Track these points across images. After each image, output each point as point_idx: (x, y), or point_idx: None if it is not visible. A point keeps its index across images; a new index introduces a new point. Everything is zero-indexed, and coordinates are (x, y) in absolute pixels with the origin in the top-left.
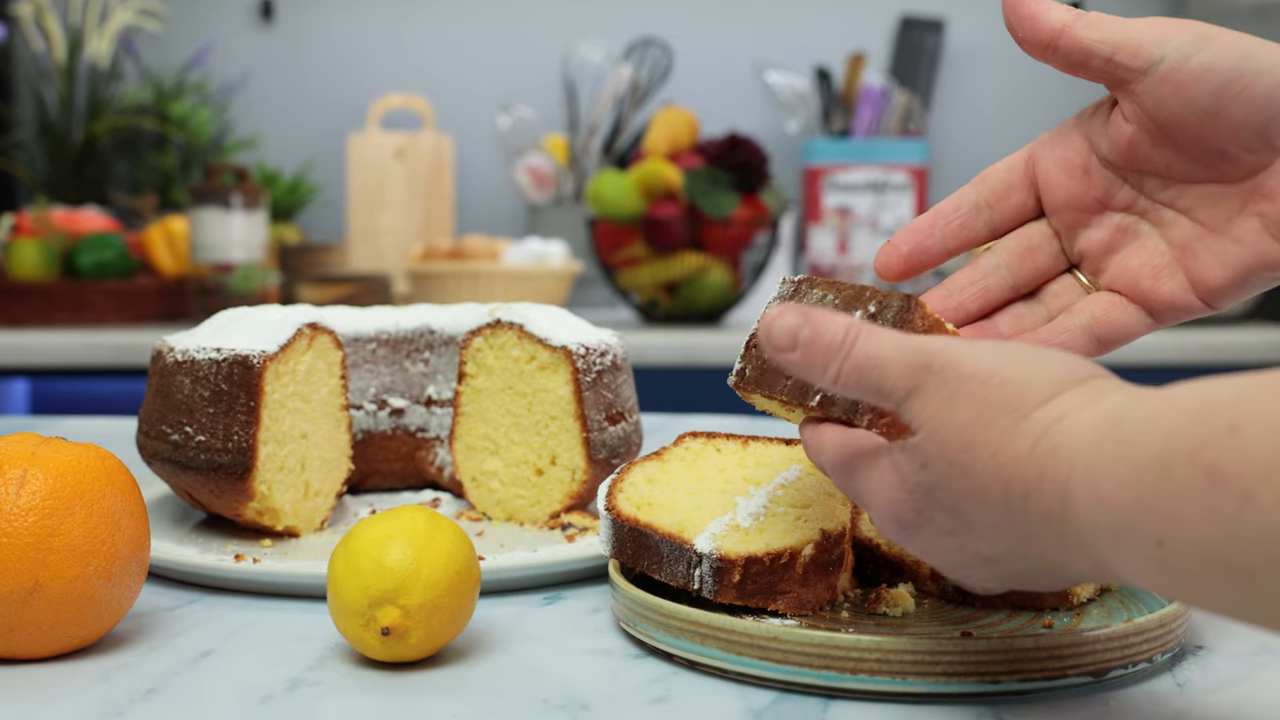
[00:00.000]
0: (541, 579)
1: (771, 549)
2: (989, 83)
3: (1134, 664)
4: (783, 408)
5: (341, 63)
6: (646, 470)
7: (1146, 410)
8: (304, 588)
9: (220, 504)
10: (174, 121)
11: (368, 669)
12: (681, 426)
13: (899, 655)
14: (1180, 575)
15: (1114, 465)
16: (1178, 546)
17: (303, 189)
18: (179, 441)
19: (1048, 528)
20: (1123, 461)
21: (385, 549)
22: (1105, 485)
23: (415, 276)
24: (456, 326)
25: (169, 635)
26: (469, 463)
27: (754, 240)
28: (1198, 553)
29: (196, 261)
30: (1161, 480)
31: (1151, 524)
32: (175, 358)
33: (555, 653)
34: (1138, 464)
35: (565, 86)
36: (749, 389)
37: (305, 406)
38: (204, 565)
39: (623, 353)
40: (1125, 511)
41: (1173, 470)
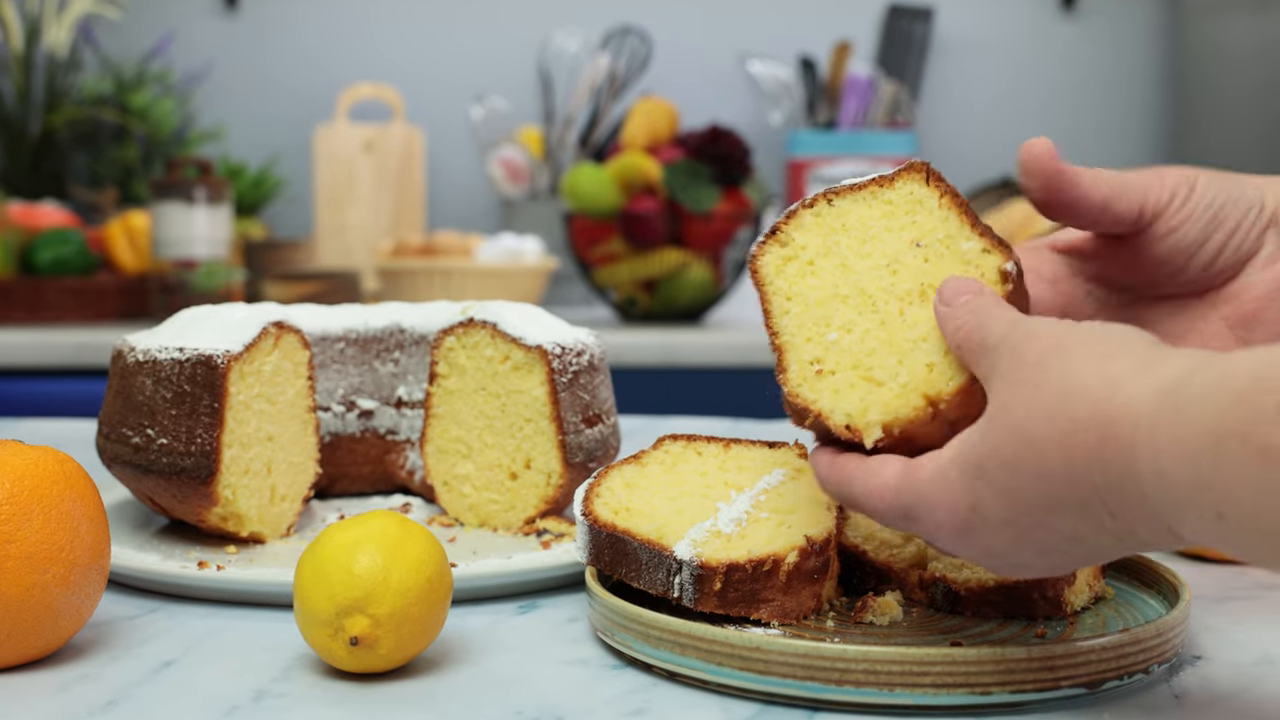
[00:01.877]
0: (516, 587)
1: (754, 556)
2: (979, 73)
3: (1130, 675)
4: None
5: (308, 52)
6: (625, 474)
7: (1200, 385)
8: (269, 596)
9: (183, 509)
10: (135, 113)
11: (335, 680)
12: (661, 429)
13: (886, 666)
14: (1244, 543)
15: (1172, 442)
16: (1237, 519)
17: (268, 183)
18: (140, 444)
19: (1119, 495)
20: (1178, 440)
21: (354, 556)
22: (1165, 461)
23: (385, 273)
24: (428, 325)
25: (130, 645)
26: (441, 466)
27: (736, 236)
28: (1257, 526)
29: (158, 258)
30: (1216, 459)
31: (1210, 499)
32: (136, 358)
33: (530, 663)
34: (1193, 442)
35: (540, 77)
36: None
37: (271, 408)
38: (166, 573)
39: (600, 352)
40: (1185, 487)
41: (1226, 449)
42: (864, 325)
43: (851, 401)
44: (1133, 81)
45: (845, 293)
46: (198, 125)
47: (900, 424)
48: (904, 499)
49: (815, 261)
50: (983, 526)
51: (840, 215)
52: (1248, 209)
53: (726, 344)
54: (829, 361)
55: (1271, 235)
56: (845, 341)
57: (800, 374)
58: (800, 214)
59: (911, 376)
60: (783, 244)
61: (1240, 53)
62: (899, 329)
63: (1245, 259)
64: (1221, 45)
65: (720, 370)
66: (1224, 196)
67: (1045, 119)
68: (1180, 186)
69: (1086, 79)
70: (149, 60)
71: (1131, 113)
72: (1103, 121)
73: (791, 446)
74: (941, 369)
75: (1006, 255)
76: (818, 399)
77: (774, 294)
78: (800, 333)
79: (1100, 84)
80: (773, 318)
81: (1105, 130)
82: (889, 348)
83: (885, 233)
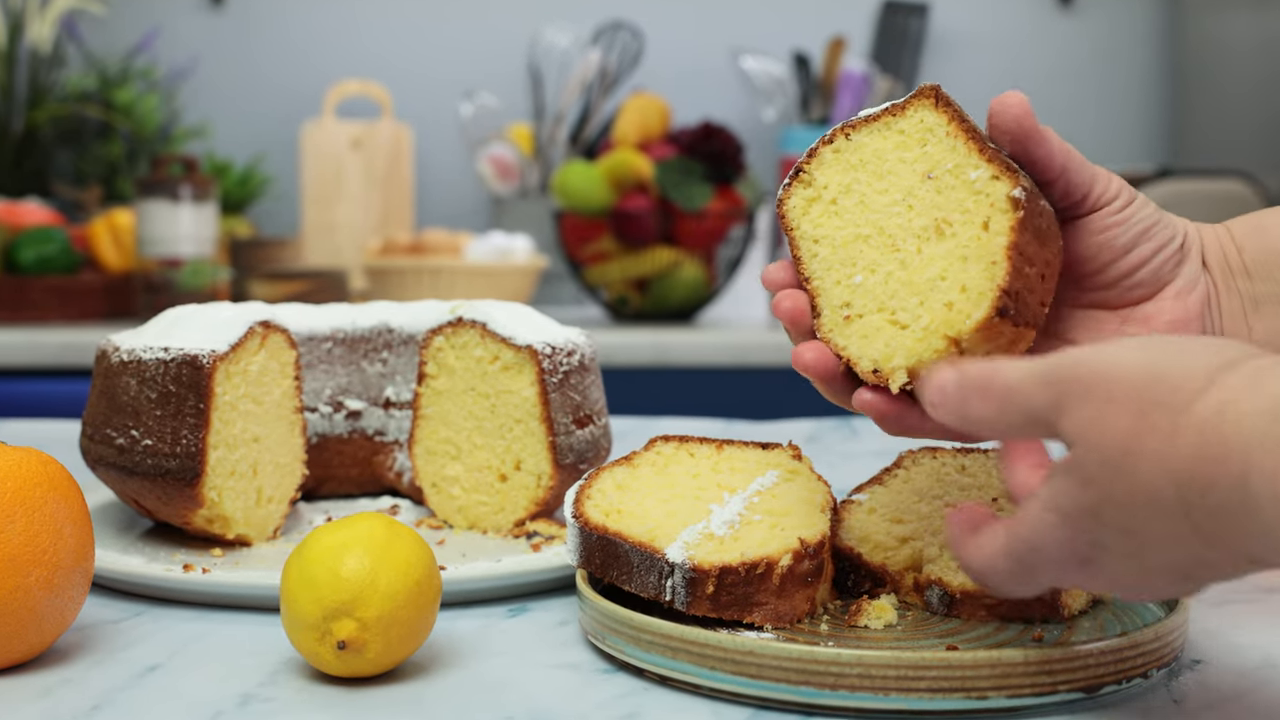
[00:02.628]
0: (505, 590)
1: (747, 559)
2: (975, 69)
3: (1128, 679)
4: None
5: (295, 47)
6: (616, 476)
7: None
8: (256, 599)
9: (168, 511)
10: (119, 109)
11: (323, 685)
12: (653, 430)
13: (881, 670)
14: None
15: None
16: None
17: (254, 180)
18: (125, 445)
19: (1231, 522)
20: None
21: (341, 558)
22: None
23: (373, 272)
24: (416, 325)
25: (114, 649)
26: (429, 468)
27: (729, 234)
28: None
29: (143, 256)
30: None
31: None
32: (121, 357)
33: (520, 667)
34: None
35: (530, 73)
36: None
37: (257, 409)
38: (151, 575)
39: (591, 352)
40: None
41: None
42: (887, 266)
43: (877, 346)
44: (1131, 78)
45: (867, 232)
46: (183, 122)
47: (925, 365)
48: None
49: (838, 200)
50: (1106, 560)
51: (858, 149)
52: (1171, 236)
53: (719, 344)
54: (856, 305)
55: (1185, 270)
56: (870, 283)
57: (831, 320)
58: (820, 152)
59: (933, 318)
60: (806, 184)
61: (1240, 49)
62: (918, 268)
63: (1162, 283)
64: (1221, 42)
65: (713, 370)
66: (1155, 218)
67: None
68: (1124, 192)
69: (1084, 76)
70: (134, 56)
71: (1129, 110)
72: (1100, 119)
73: (785, 447)
74: (960, 306)
75: (1015, 180)
76: (846, 345)
77: (801, 238)
78: (829, 276)
79: (1098, 81)
80: (803, 263)
81: (1103, 128)
82: (910, 288)
83: (900, 165)
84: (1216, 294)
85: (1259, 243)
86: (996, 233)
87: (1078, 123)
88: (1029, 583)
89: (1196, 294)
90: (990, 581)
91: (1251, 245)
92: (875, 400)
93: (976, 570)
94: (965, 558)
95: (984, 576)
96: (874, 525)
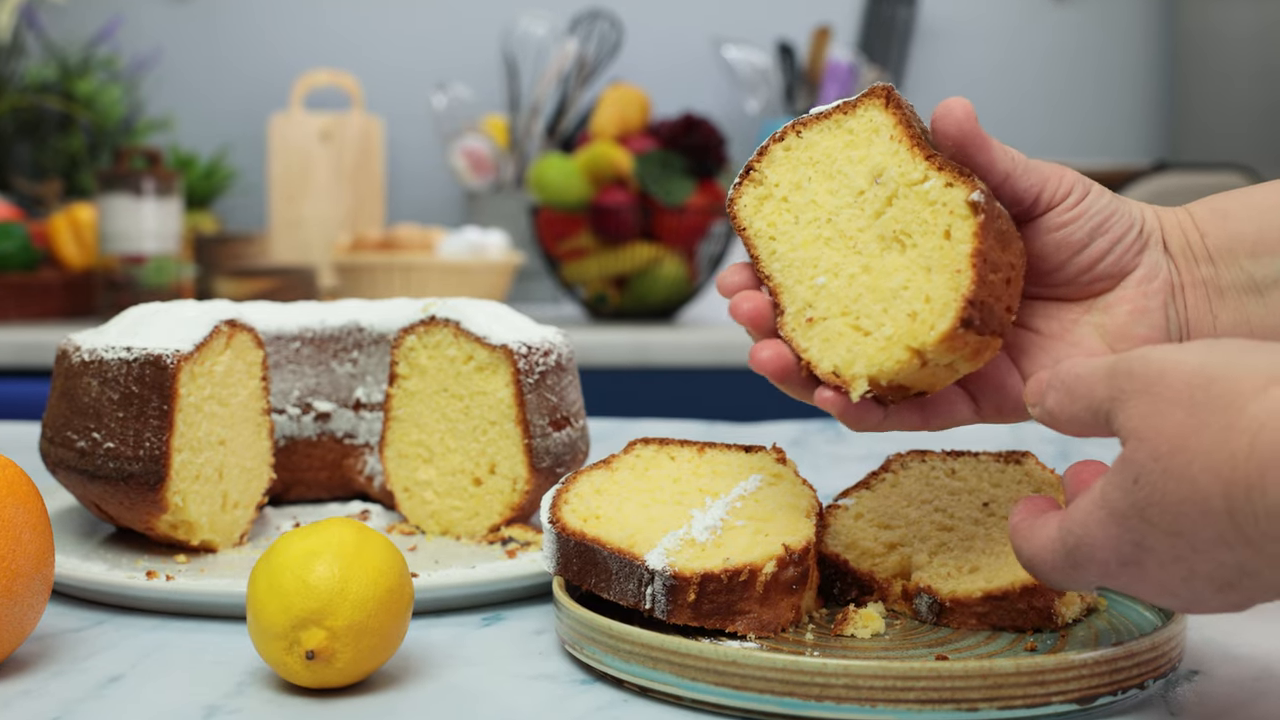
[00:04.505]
0: (480, 598)
1: (730, 566)
2: (965, 59)
3: (1124, 690)
4: None
5: (262, 36)
6: (594, 480)
7: None
8: (222, 607)
9: (131, 516)
10: (80, 101)
11: (291, 696)
12: (632, 432)
13: (868, 681)
14: None
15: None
16: None
17: (220, 174)
18: (86, 449)
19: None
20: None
21: (310, 566)
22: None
23: (342, 269)
24: (387, 324)
25: (75, 659)
26: (401, 471)
27: (711, 230)
28: None
29: (105, 253)
30: None
31: None
32: (82, 357)
33: (495, 678)
34: None
35: (505, 63)
36: None
37: (223, 410)
38: (113, 583)
39: (568, 352)
40: None
41: None
42: (849, 269)
43: (839, 352)
44: (1126, 69)
45: (827, 235)
46: (146, 114)
47: (887, 376)
48: (1067, 545)
49: (789, 198)
50: (1151, 563)
51: (808, 147)
52: (1130, 225)
53: (700, 343)
54: (819, 307)
55: (1146, 257)
56: (832, 286)
57: (795, 320)
58: (771, 149)
59: (896, 327)
60: (758, 183)
61: (1238, 39)
62: (880, 274)
63: (1123, 273)
64: (1218, 31)
65: (694, 370)
66: (1111, 208)
67: (1034, 108)
68: (1078, 186)
69: (1077, 66)
70: (95, 46)
71: (1124, 102)
72: (1094, 111)
73: (769, 450)
74: (924, 317)
75: (970, 185)
76: (808, 347)
77: (756, 236)
78: (790, 274)
79: (1092, 72)
80: (761, 261)
81: (1097, 121)
82: (873, 294)
83: (848, 165)
84: (1180, 281)
85: (1221, 228)
86: (959, 240)
87: (1071, 115)
88: (1075, 577)
89: (1159, 282)
90: (1038, 571)
91: (1214, 231)
92: (836, 399)
93: (1026, 557)
94: (1018, 544)
95: (1032, 564)
96: (861, 531)
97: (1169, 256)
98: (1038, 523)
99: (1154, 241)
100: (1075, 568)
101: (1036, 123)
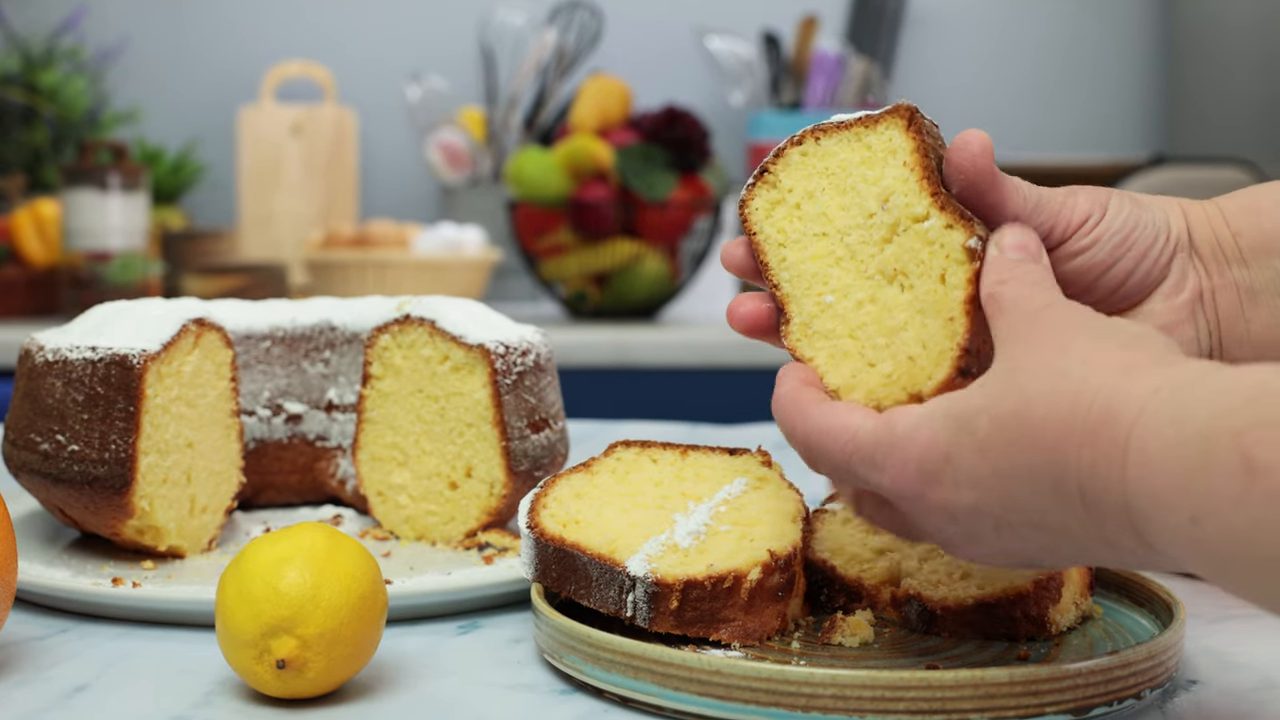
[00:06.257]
0: (456, 605)
1: (714, 572)
2: (956, 49)
3: (1119, 700)
4: None
5: (231, 27)
6: (573, 483)
7: (1209, 386)
8: (190, 615)
9: (96, 521)
10: (44, 93)
11: (261, 706)
12: (613, 435)
13: (856, 691)
14: (1212, 557)
15: (1166, 427)
16: (1210, 528)
17: (188, 169)
18: (49, 451)
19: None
20: (1174, 425)
21: (281, 572)
22: (1154, 445)
23: (314, 266)
24: (360, 323)
25: (38, 668)
26: (375, 475)
27: (694, 226)
28: (1228, 537)
29: (69, 250)
30: (1202, 455)
31: (1188, 500)
32: (45, 357)
33: (471, 687)
34: (1187, 432)
35: (482, 53)
36: None
37: (191, 412)
38: (77, 590)
39: (547, 352)
40: (1165, 481)
41: (1214, 448)
42: (857, 294)
43: (844, 372)
44: (1122, 60)
45: (839, 253)
46: (112, 106)
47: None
48: (870, 440)
49: (801, 205)
50: (948, 479)
51: (825, 156)
52: (1155, 236)
53: (683, 342)
54: (825, 324)
55: (1176, 265)
56: (840, 307)
57: (800, 330)
58: (788, 153)
59: (895, 368)
60: (771, 185)
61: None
62: (885, 308)
63: (1152, 286)
64: (1218, 21)
65: (677, 371)
66: (1134, 221)
67: (1027, 100)
68: (1094, 209)
69: (1072, 57)
70: (59, 36)
71: (1120, 94)
72: (1089, 103)
73: (754, 453)
74: (922, 364)
75: (969, 230)
76: (815, 355)
77: (766, 241)
78: (799, 285)
79: (1087, 62)
80: (770, 268)
81: (1092, 112)
82: (877, 325)
83: (862, 182)
84: (1211, 285)
85: (1255, 225)
86: (953, 286)
87: (1065, 107)
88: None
89: (1187, 293)
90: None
91: (1247, 229)
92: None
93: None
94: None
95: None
96: (849, 536)
97: (1198, 259)
98: (841, 406)
99: (1182, 246)
100: (869, 466)
101: (1030, 115)
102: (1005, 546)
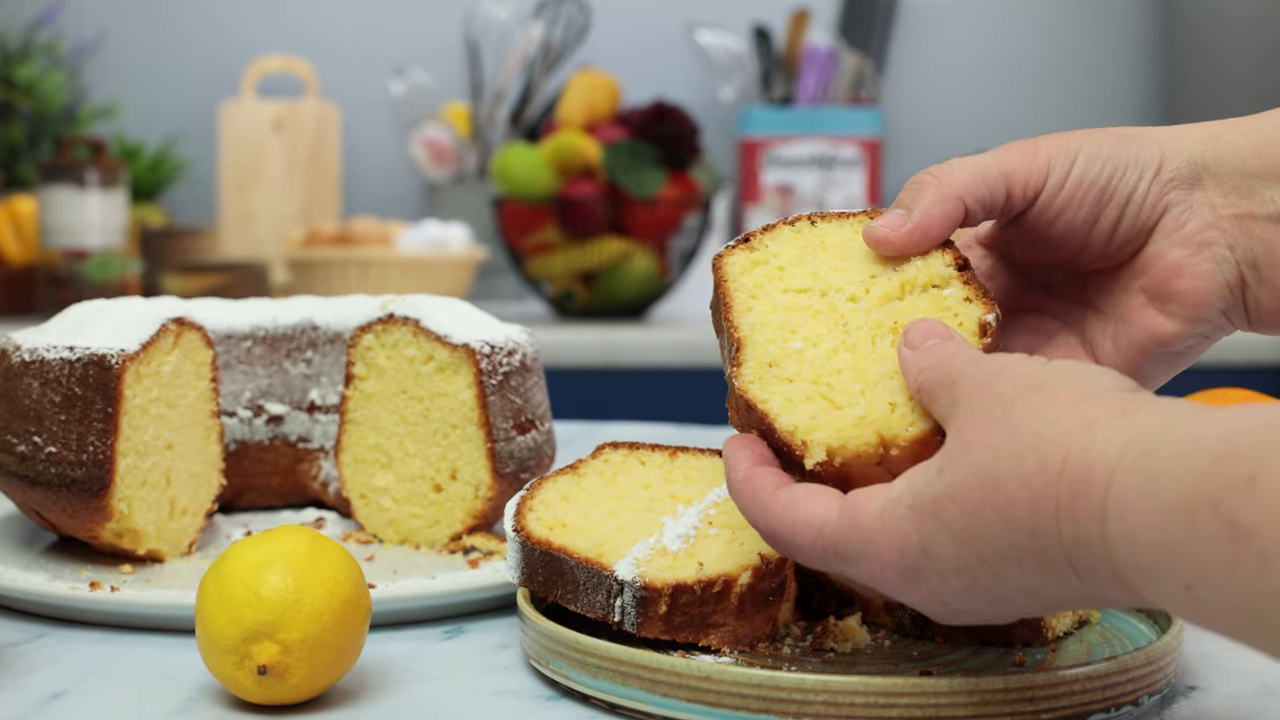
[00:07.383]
0: (441, 610)
1: (703, 576)
2: (950, 43)
3: (1117, 707)
4: None
5: (212, 20)
6: (560, 486)
7: (1174, 447)
8: (169, 620)
9: (73, 524)
10: (20, 88)
11: (242, 712)
12: (600, 436)
13: (849, 697)
14: (1212, 618)
15: (1141, 501)
16: (1205, 593)
17: (168, 165)
18: (26, 453)
19: (1087, 553)
20: (1149, 499)
21: (262, 576)
22: (1133, 524)
23: (296, 265)
24: (343, 322)
25: (15, 674)
26: (358, 477)
27: (683, 223)
28: (1225, 601)
29: (46, 247)
30: (1187, 528)
31: (1178, 569)
32: (22, 357)
33: (456, 694)
34: (1164, 505)
35: (467, 48)
36: None
37: (170, 413)
38: (54, 594)
39: (533, 351)
40: (1154, 555)
41: (1196, 518)
42: (830, 343)
43: (803, 413)
44: (1120, 54)
45: (817, 308)
46: (90, 101)
47: (846, 454)
48: (839, 535)
49: (786, 269)
50: (932, 572)
51: (821, 235)
52: (1140, 175)
53: (672, 342)
54: (788, 368)
55: (1175, 196)
56: (809, 354)
57: (755, 371)
58: (778, 228)
59: (871, 410)
60: (753, 249)
61: (1238, 23)
62: (868, 358)
63: (1150, 227)
64: (1218, 14)
65: (665, 371)
66: (1111, 167)
67: (1023, 95)
68: (1057, 159)
69: (1068, 52)
70: (36, 30)
71: (1118, 88)
72: (1086, 99)
73: None
74: (903, 412)
75: (988, 306)
76: (769, 399)
77: (736, 290)
78: (762, 331)
79: (1083, 58)
80: (733, 312)
81: (1088, 107)
82: (854, 373)
83: (865, 256)
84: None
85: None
86: None
87: (1062, 103)
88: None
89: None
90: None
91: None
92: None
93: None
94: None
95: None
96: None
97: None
98: (800, 493)
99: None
100: (840, 559)
101: (1026, 111)
102: (1001, 611)
